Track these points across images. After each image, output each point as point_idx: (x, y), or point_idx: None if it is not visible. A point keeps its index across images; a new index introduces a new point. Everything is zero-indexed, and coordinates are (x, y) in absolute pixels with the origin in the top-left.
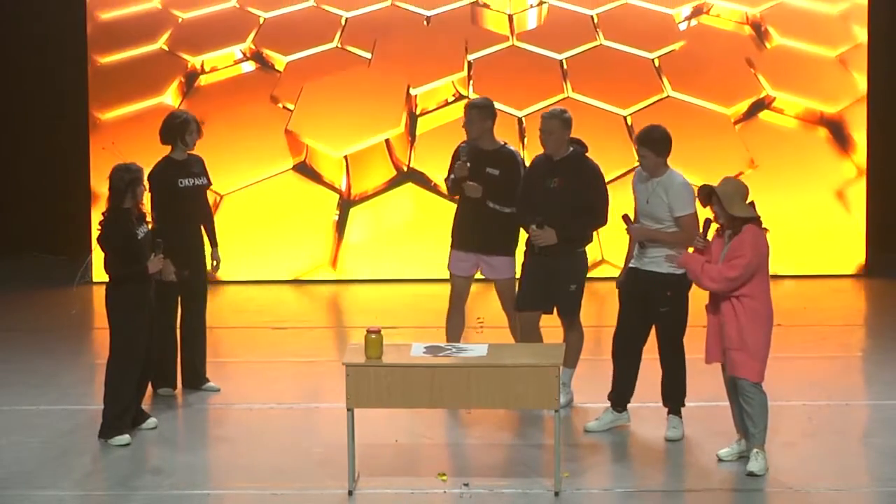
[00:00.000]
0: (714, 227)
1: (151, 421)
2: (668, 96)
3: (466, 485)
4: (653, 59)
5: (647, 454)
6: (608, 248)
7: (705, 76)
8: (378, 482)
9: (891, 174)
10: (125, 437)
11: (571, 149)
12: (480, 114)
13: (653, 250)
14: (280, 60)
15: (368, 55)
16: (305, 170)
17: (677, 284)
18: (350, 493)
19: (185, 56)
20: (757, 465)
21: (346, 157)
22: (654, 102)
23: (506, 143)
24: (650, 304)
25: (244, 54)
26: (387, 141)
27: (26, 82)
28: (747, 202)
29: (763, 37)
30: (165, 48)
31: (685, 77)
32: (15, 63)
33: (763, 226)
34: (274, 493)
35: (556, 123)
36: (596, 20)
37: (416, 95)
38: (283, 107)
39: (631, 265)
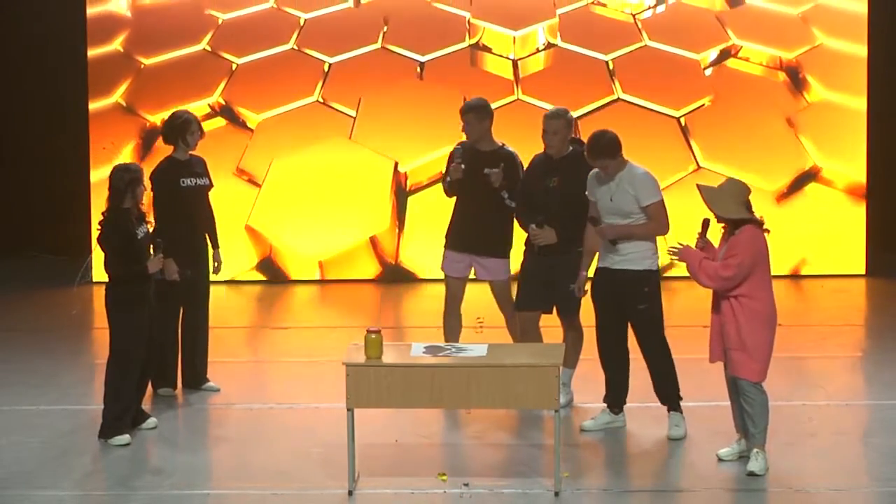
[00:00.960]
0: (718, 226)
1: (151, 421)
2: (699, 168)
3: (466, 485)
4: (679, 118)
5: (646, 454)
6: None
7: (739, 141)
8: (378, 482)
9: (891, 175)
10: (125, 437)
11: (571, 148)
12: (477, 116)
13: (624, 247)
14: (253, 119)
15: (353, 113)
16: (271, 269)
17: (652, 280)
18: (350, 493)
19: (144, 114)
20: (757, 465)
21: (320, 262)
22: (684, 176)
23: (504, 145)
24: (626, 302)
25: (213, 109)
26: (371, 238)
27: (26, 83)
28: (742, 203)
29: (801, 86)
30: (122, 103)
31: (716, 141)
32: (15, 63)
33: (764, 227)
34: (274, 493)
35: (561, 123)
36: (612, 66)
37: (405, 172)
38: (250, 181)
39: (599, 265)
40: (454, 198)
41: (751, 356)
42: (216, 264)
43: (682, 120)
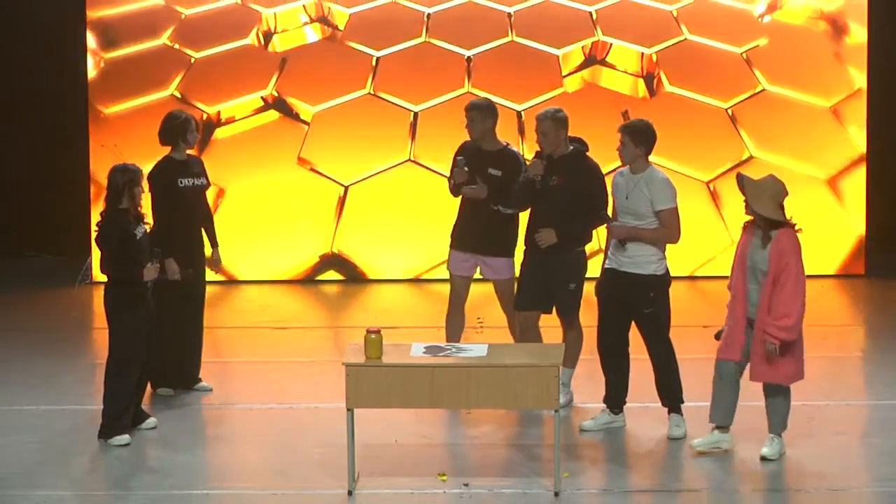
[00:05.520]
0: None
1: (151, 421)
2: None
3: (466, 485)
4: (651, 54)
5: (646, 454)
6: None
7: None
8: (378, 482)
9: (890, 174)
10: (125, 437)
11: (572, 147)
12: (481, 114)
13: (632, 249)
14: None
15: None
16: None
17: (659, 284)
18: (350, 493)
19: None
20: (770, 450)
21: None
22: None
23: (508, 144)
24: (631, 305)
25: (266, 101)
26: None
27: (26, 81)
28: (779, 205)
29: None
30: (177, 94)
31: (683, 73)
32: (14, 62)
33: (796, 227)
34: (274, 493)
35: (549, 124)
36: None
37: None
38: (312, 170)
39: (607, 266)
40: (459, 197)
41: (796, 359)
42: (215, 262)
43: (654, 55)
